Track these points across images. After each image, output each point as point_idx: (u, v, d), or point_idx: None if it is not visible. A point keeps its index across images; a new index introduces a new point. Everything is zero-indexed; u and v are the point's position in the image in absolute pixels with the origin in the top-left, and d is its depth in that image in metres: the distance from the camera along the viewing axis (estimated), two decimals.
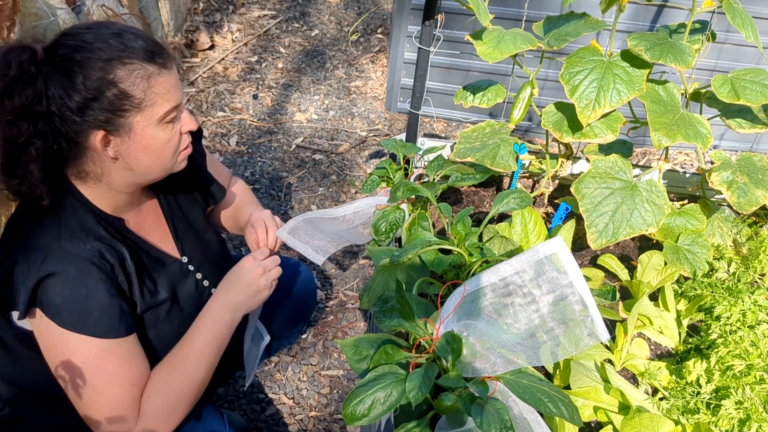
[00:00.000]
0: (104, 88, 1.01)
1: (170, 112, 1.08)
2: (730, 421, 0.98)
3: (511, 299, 0.94)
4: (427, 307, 1.09)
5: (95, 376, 1.06)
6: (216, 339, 1.20)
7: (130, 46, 1.03)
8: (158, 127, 1.08)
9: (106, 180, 1.11)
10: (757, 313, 1.15)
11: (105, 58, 1.01)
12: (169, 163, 1.14)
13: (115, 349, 1.08)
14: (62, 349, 1.06)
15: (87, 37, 1.02)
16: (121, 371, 1.08)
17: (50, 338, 1.06)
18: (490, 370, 0.93)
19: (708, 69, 2.86)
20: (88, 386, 1.07)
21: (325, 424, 1.94)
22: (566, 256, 0.90)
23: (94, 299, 1.05)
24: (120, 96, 1.02)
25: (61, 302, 1.03)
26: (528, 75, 1.40)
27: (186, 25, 3.67)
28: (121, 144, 1.07)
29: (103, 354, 1.06)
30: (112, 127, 1.04)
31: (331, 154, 3.03)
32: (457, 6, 2.63)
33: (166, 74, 1.07)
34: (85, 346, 1.05)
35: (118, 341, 1.08)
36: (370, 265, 2.49)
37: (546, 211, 1.61)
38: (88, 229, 1.09)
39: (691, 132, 1.23)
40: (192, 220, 1.34)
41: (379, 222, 1.31)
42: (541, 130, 3.14)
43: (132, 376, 1.10)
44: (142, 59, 1.04)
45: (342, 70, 3.59)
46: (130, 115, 1.04)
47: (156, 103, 1.06)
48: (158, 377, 1.14)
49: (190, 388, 1.16)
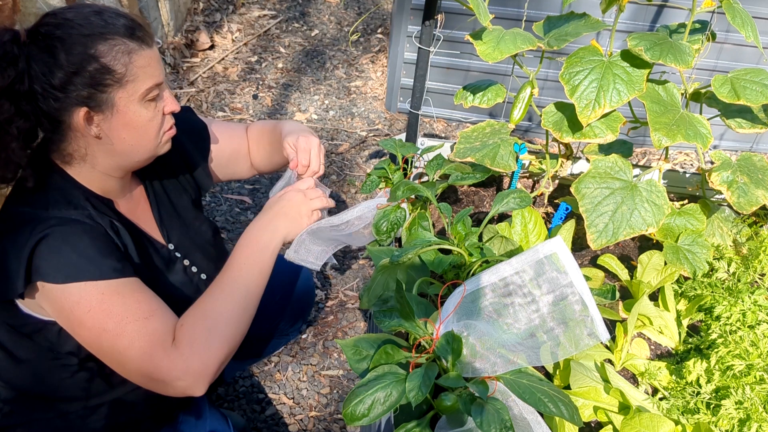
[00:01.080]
0: (86, 62, 1.02)
1: (152, 89, 1.09)
2: (730, 421, 0.98)
3: (511, 299, 0.94)
4: (427, 307, 1.09)
5: (104, 320, 1.03)
6: (253, 262, 1.17)
7: (111, 23, 1.05)
8: (141, 104, 1.08)
9: (91, 161, 1.11)
10: (757, 313, 1.15)
11: (86, 34, 1.02)
12: (152, 143, 1.14)
13: (117, 289, 1.05)
14: (68, 309, 1.03)
15: (68, 15, 1.04)
16: (129, 308, 1.05)
17: (56, 304, 1.04)
18: (490, 370, 0.93)
19: (708, 69, 2.87)
20: (103, 335, 1.03)
21: (325, 424, 1.94)
22: (566, 256, 0.90)
23: (85, 247, 1.03)
24: (101, 70, 1.03)
25: (54, 259, 1.01)
26: (528, 75, 1.40)
27: (186, 25, 3.67)
28: (103, 121, 1.07)
29: (104, 297, 1.03)
30: (95, 103, 1.05)
31: (331, 154, 3.03)
32: (457, 6, 2.62)
33: (147, 50, 1.08)
34: (85, 293, 1.03)
35: (118, 281, 1.05)
36: (370, 265, 2.49)
37: (546, 211, 1.61)
38: (76, 204, 1.09)
39: (691, 132, 1.23)
40: (180, 209, 1.33)
41: (380, 221, 1.31)
42: (541, 130, 3.13)
43: (144, 309, 1.06)
44: (123, 35, 1.05)
45: (342, 70, 3.59)
46: (112, 90, 1.05)
47: (138, 79, 1.06)
48: (193, 306, 1.11)
49: (226, 314, 1.10)
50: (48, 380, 1.15)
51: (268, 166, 1.50)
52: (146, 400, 1.26)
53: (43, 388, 1.17)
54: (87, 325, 1.04)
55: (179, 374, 1.04)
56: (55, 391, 1.15)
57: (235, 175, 1.52)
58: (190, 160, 1.37)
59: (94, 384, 1.19)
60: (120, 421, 1.25)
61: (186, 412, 1.36)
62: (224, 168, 1.48)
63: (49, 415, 1.21)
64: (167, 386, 1.05)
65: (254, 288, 1.16)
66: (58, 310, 1.05)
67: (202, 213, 1.43)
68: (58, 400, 1.19)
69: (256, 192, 2.79)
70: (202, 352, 1.06)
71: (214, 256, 1.35)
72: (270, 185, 2.82)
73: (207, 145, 1.42)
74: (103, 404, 1.22)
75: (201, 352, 1.06)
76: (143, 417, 1.29)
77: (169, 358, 1.04)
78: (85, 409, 1.21)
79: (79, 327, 1.05)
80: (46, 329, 1.11)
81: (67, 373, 1.16)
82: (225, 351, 1.09)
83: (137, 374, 1.06)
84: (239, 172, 1.52)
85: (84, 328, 1.04)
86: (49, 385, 1.16)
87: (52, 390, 1.16)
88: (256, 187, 2.81)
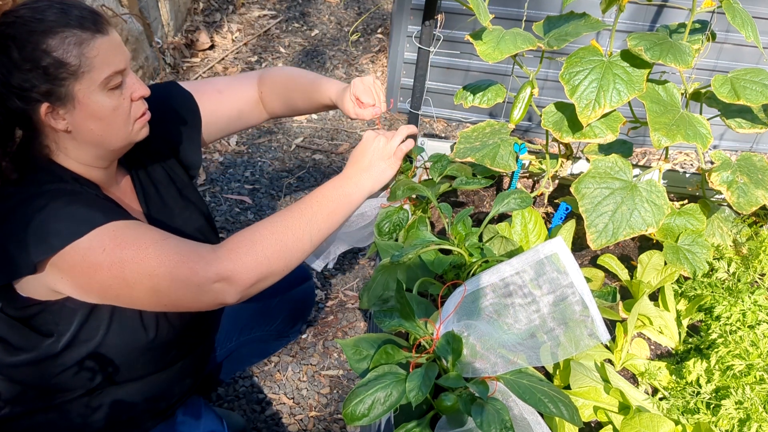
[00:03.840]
0: (38, 58, 1.02)
1: (111, 77, 1.08)
2: (730, 421, 0.98)
3: (512, 299, 0.94)
4: (428, 307, 1.09)
5: (122, 251, 1.02)
6: (326, 203, 1.16)
7: (63, 15, 1.04)
8: (102, 93, 1.08)
9: (67, 153, 1.12)
10: (757, 313, 1.15)
11: (37, 30, 1.02)
12: (122, 131, 1.13)
13: (126, 225, 1.05)
14: (80, 260, 1.02)
15: (21, 12, 1.04)
16: (143, 235, 1.05)
17: (66, 265, 1.03)
18: (490, 370, 0.93)
19: (708, 69, 2.87)
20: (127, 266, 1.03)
21: (325, 424, 1.94)
22: (567, 257, 0.90)
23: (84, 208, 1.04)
24: (55, 64, 1.03)
25: (55, 226, 1.01)
26: (528, 75, 1.40)
27: (186, 25, 3.67)
28: (68, 115, 1.07)
29: (116, 232, 1.03)
30: (55, 97, 1.05)
31: (331, 154, 3.03)
32: (457, 6, 2.63)
33: (102, 39, 1.07)
34: (96, 237, 1.02)
35: (125, 221, 1.05)
36: (370, 265, 2.49)
37: (546, 211, 1.61)
38: (66, 180, 1.10)
39: (690, 132, 1.23)
40: (167, 199, 1.32)
41: (382, 222, 1.31)
42: (541, 130, 3.13)
43: (158, 233, 1.06)
44: (75, 27, 1.04)
45: (342, 70, 3.59)
46: (69, 83, 1.04)
47: (93, 69, 1.05)
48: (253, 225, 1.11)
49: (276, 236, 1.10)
50: (49, 375, 1.15)
51: (286, 112, 1.48)
52: (146, 400, 1.26)
53: (44, 383, 1.17)
54: (105, 265, 1.02)
55: (215, 275, 1.04)
56: (56, 385, 1.15)
57: (239, 129, 1.51)
58: (173, 144, 1.36)
59: (92, 375, 1.18)
60: (120, 420, 1.25)
61: (184, 411, 1.36)
62: (223, 130, 1.46)
63: (49, 413, 1.21)
64: (205, 292, 1.05)
65: (317, 225, 1.15)
66: (69, 270, 1.04)
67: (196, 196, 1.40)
68: (58, 396, 1.18)
69: (256, 192, 2.79)
70: (242, 258, 1.06)
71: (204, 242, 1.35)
72: (270, 185, 2.82)
73: (196, 117, 1.39)
74: (103, 404, 1.22)
75: (240, 258, 1.06)
76: (143, 416, 1.29)
77: (205, 260, 1.04)
78: (85, 407, 1.21)
79: (97, 271, 1.03)
80: (46, 311, 1.10)
81: (63, 363, 1.15)
82: (265, 267, 1.09)
83: (175, 287, 1.04)
84: (243, 126, 1.50)
85: (103, 270, 1.03)
86: (50, 380, 1.16)
87: (52, 385, 1.16)
88: (256, 187, 2.81)
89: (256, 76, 1.48)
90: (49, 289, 1.07)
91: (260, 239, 1.09)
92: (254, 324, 1.66)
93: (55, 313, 1.11)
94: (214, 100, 1.42)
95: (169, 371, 1.28)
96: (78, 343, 1.13)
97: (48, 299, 1.09)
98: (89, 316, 1.12)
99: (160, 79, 3.26)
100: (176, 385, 1.31)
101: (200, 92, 1.40)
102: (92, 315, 1.12)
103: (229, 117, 1.45)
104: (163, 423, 1.33)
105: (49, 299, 1.09)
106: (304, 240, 1.13)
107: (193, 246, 1.08)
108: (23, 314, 1.11)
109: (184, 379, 1.33)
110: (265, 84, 1.46)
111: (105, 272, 1.03)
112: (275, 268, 1.10)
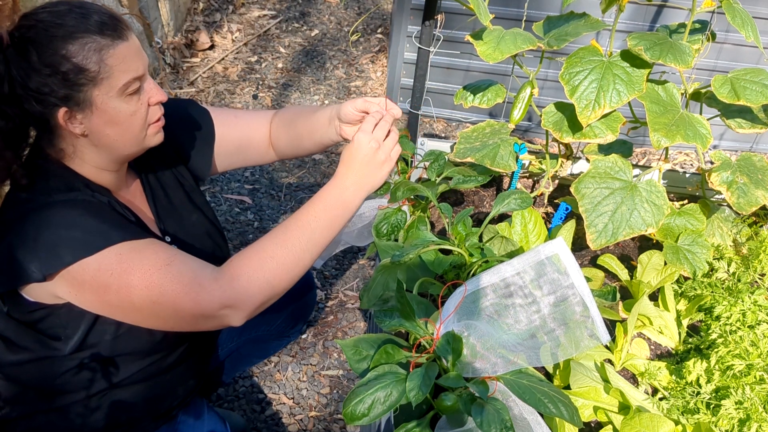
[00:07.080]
0: (58, 64, 1.02)
1: (130, 84, 1.08)
2: (730, 421, 0.98)
3: (512, 300, 0.95)
4: (428, 307, 1.09)
5: (129, 277, 1.03)
6: (326, 215, 1.14)
7: (83, 20, 1.04)
8: (120, 99, 1.08)
9: (82, 157, 1.12)
10: (757, 313, 1.15)
11: (57, 35, 1.02)
12: (138, 136, 1.14)
13: (132, 247, 1.05)
14: (90, 279, 1.03)
15: (41, 16, 1.04)
16: (148, 260, 1.05)
17: (75, 281, 1.04)
18: (490, 370, 0.93)
19: (708, 69, 2.87)
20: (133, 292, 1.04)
21: (325, 424, 1.94)
22: (567, 258, 0.90)
23: (94, 222, 1.04)
24: (74, 70, 1.03)
25: (65, 243, 1.02)
26: (528, 75, 1.40)
27: (186, 25, 3.67)
28: (85, 120, 1.07)
29: (122, 256, 1.04)
30: (73, 102, 1.05)
31: (331, 154, 3.03)
32: (457, 6, 2.63)
33: (121, 45, 1.07)
34: (104, 259, 1.03)
35: (131, 242, 1.06)
36: (370, 265, 2.49)
37: (546, 211, 1.61)
38: (78, 188, 1.10)
39: (690, 132, 1.23)
40: (176, 202, 1.33)
41: (380, 224, 1.31)
42: (541, 130, 3.13)
43: (162, 258, 1.06)
44: (95, 32, 1.04)
45: (342, 70, 3.59)
46: (87, 89, 1.05)
47: (112, 75, 1.06)
48: (251, 245, 1.12)
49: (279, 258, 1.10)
50: (50, 375, 1.15)
51: (293, 152, 1.47)
52: (146, 400, 1.26)
53: (45, 383, 1.17)
54: (113, 288, 1.04)
55: (219, 305, 1.05)
56: (57, 386, 1.15)
57: (246, 162, 1.50)
58: (183, 152, 1.36)
59: (94, 377, 1.19)
60: (120, 421, 1.25)
61: (185, 412, 1.36)
62: (232, 156, 1.46)
63: (50, 413, 1.21)
64: (209, 319, 1.07)
65: (317, 241, 1.14)
66: (78, 287, 1.05)
67: (203, 201, 1.41)
68: (58, 397, 1.19)
69: (256, 192, 2.79)
70: (245, 285, 1.07)
71: (211, 247, 1.35)
72: (270, 185, 2.82)
73: (209, 132, 1.40)
74: (103, 404, 1.22)
75: (243, 285, 1.07)
76: (143, 416, 1.29)
77: (207, 291, 1.05)
78: (86, 408, 1.21)
79: (105, 293, 1.04)
80: (53, 315, 1.11)
81: (66, 364, 1.15)
82: (268, 291, 1.09)
83: (179, 318, 1.06)
84: (251, 159, 1.49)
85: (111, 292, 1.04)
86: (50, 380, 1.16)
87: (53, 385, 1.16)
88: (256, 187, 2.81)
89: (271, 112, 1.49)
90: (55, 296, 1.08)
91: (261, 265, 1.09)
92: (255, 324, 1.66)
93: (62, 316, 1.11)
94: (229, 122, 1.43)
95: (172, 373, 1.28)
96: (85, 347, 1.14)
97: (55, 303, 1.10)
98: (96, 320, 1.13)
99: (160, 79, 3.26)
100: (179, 387, 1.32)
101: (217, 112, 1.43)
102: (100, 318, 1.12)
103: (240, 143, 1.45)
104: (165, 424, 1.33)
105: (56, 303, 1.10)
106: (305, 258, 1.14)
107: (197, 272, 1.07)
108: (30, 318, 1.12)
109: (187, 381, 1.34)
110: (275, 118, 1.48)
111: (113, 296, 1.05)
112: (279, 289, 1.12)
